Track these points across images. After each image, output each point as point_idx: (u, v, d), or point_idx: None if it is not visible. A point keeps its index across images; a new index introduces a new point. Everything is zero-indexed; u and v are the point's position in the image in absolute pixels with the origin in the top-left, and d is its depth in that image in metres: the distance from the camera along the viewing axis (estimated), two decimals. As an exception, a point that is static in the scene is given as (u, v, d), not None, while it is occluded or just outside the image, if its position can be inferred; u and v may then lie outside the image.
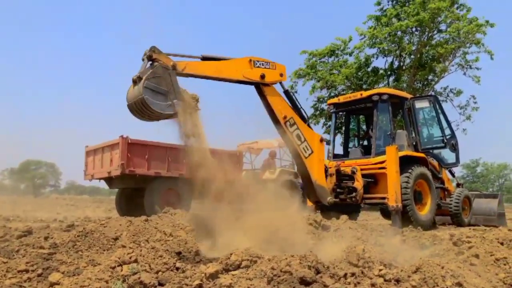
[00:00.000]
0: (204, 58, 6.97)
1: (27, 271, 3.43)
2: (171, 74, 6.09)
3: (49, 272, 3.45)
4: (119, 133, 11.02)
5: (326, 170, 9.31)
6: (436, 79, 25.84)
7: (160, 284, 3.13)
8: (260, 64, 7.59)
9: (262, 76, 7.57)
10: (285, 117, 8.02)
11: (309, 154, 8.34)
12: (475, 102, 26.20)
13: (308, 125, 8.49)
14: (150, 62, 6.07)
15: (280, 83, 8.09)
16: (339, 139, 13.00)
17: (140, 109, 5.98)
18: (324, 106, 26.94)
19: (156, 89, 5.96)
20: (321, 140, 8.61)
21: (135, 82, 5.97)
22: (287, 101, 8.30)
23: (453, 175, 11.60)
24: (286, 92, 8.29)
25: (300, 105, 8.46)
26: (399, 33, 24.44)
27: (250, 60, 7.44)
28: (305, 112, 8.55)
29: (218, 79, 7.25)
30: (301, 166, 8.57)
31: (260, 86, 7.75)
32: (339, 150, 11.29)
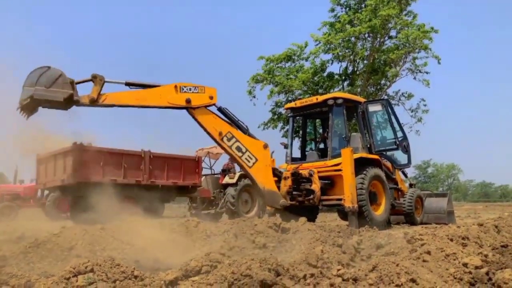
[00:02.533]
0: (128, 84, 7.13)
1: (-27, 286, 3.25)
2: (59, 95, 6.66)
3: (-2, 287, 3.28)
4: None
5: (277, 174, 9.45)
6: (388, 83, 26.85)
7: (117, 294, 3.05)
8: (186, 89, 7.76)
9: (188, 101, 7.74)
10: (220, 133, 8.23)
11: (253, 163, 8.54)
12: (425, 105, 27.46)
13: (249, 135, 8.67)
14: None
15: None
16: (297, 142, 13.22)
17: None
18: (281, 110, 27.27)
19: (52, 77, 6.63)
20: (265, 146, 8.79)
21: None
22: (223, 117, 8.47)
23: (405, 175, 12.02)
24: (220, 109, 8.46)
25: (237, 118, 8.66)
26: (352, 39, 25.19)
27: (176, 86, 7.59)
28: (243, 123, 8.75)
29: (143, 107, 7.38)
30: (249, 176, 8.82)
31: (189, 110, 7.91)
32: (297, 153, 11.46)
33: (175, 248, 5.53)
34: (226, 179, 14.95)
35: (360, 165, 9.43)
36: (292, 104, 11.12)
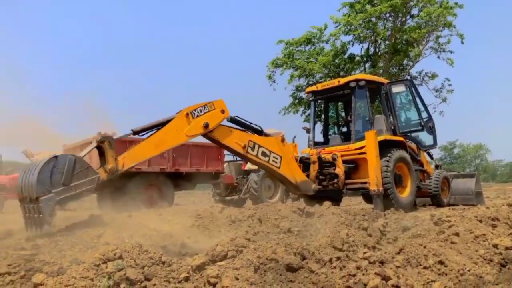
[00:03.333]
0: (136, 133, 6.59)
1: (9, 273, 3.36)
2: (88, 188, 5.58)
3: (32, 273, 3.39)
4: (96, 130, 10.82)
5: (305, 161, 9.38)
6: (411, 63, 26.25)
7: (146, 279, 3.11)
8: (198, 112, 7.10)
9: (206, 126, 7.14)
10: (244, 146, 7.75)
11: (280, 162, 8.28)
12: (449, 85, 26.80)
13: (265, 135, 8.33)
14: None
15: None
16: (319, 126, 13.10)
17: (38, 162, 5.37)
18: (302, 94, 27.06)
19: (67, 172, 5.30)
20: (283, 139, 8.55)
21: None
22: (238, 127, 8.00)
23: (431, 157, 11.81)
24: (232, 120, 7.93)
25: (249, 122, 8.18)
26: (373, 19, 24.64)
27: (187, 114, 6.95)
28: (256, 125, 8.28)
29: (164, 151, 6.89)
30: (278, 176, 8.55)
31: (207, 134, 7.36)
32: (319, 137, 11.37)
33: (201, 233, 5.60)
34: (249, 165, 15.00)
35: (385, 147, 9.30)
36: (313, 88, 11.00)
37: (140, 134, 6.65)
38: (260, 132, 8.24)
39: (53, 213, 5.05)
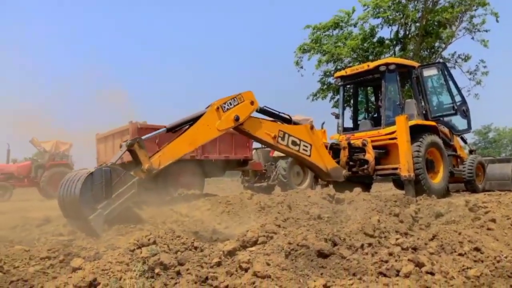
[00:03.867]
0: (169, 130, 6.57)
1: (49, 258, 3.50)
2: (131, 195, 5.50)
3: (70, 258, 3.51)
4: (127, 119, 11.04)
5: (335, 147, 9.29)
6: (443, 45, 25.45)
7: (179, 264, 3.17)
8: (228, 105, 7.05)
9: (237, 119, 7.09)
10: (274, 137, 7.69)
11: (310, 150, 8.20)
12: (484, 67, 25.83)
13: (294, 123, 8.23)
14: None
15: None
16: (348, 112, 12.94)
17: (71, 185, 5.25)
18: (331, 80, 26.72)
19: (106, 185, 5.27)
20: (311, 127, 8.45)
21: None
22: (267, 118, 7.93)
23: (465, 141, 11.49)
24: (261, 110, 7.85)
25: (277, 111, 8.09)
26: (403, 0, 23.95)
27: (218, 108, 6.91)
28: (284, 113, 8.20)
29: (197, 147, 6.77)
30: (309, 164, 8.48)
31: (238, 127, 7.32)
32: (348, 123, 11.24)
33: (231, 219, 5.66)
34: (277, 152, 14.99)
35: (416, 132, 9.11)
36: (342, 73, 10.84)
37: (174, 131, 6.66)
38: (289, 121, 8.20)
39: (104, 226, 5.11)
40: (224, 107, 7.00)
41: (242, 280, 2.80)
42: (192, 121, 6.75)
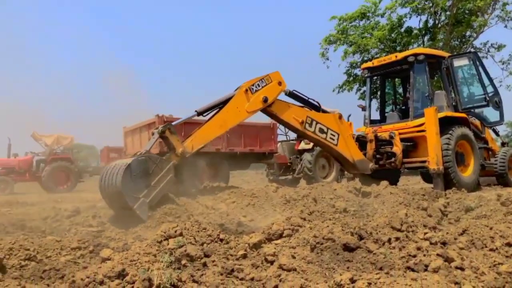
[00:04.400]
0: (200, 113, 6.66)
1: (79, 248, 3.60)
2: (169, 179, 5.75)
3: (100, 249, 3.60)
4: (154, 112, 11.19)
5: (361, 139, 9.17)
6: (475, 34, 24.66)
7: (206, 256, 3.20)
8: (256, 87, 7.10)
9: (265, 100, 7.14)
10: (302, 122, 7.68)
11: (337, 139, 8.12)
12: (518, 56, 24.90)
13: (323, 111, 8.16)
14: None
15: None
16: (375, 104, 12.73)
17: (111, 178, 5.40)
18: (357, 71, 26.36)
19: (145, 174, 5.48)
20: (340, 117, 8.35)
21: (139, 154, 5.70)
22: (296, 102, 7.92)
23: (497, 134, 11.15)
24: (290, 94, 7.86)
25: (307, 97, 8.07)
26: (433, -12, 23.33)
27: (247, 90, 6.98)
28: (314, 100, 8.15)
29: (228, 129, 6.95)
30: (335, 154, 8.40)
31: (266, 109, 7.33)
32: (375, 115, 11.07)
33: (256, 212, 5.68)
34: (302, 145, 14.91)
35: (446, 124, 8.89)
36: (369, 64, 10.66)
37: (204, 114, 6.79)
38: (318, 108, 8.15)
39: (148, 213, 5.33)
40: (253, 89, 7.07)
41: (268, 272, 2.80)
42: (222, 104, 6.85)
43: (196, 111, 6.70)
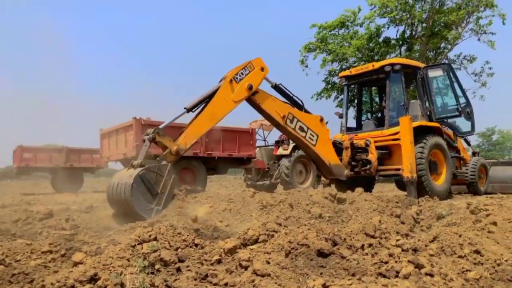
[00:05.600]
0: (190, 110, 6.74)
1: (50, 252, 3.52)
2: (173, 181, 5.97)
3: (72, 252, 3.54)
4: (131, 115, 11.08)
5: (337, 145, 9.29)
6: (449, 46, 25.32)
7: (180, 261, 3.19)
8: (240, 75, 7.18)
9: (250, 87, 7.23)
10: (283, 117, 7.77)
11: (316, 140, 8.22)
12: (490, 68, 25.70)
13: (305, 111, 8.28)
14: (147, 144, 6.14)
15: (266, 79, 7.72)
16: (352, 112, 12.92)
17: (119, 195, 5.65)
18: (335, 79, 26.67)
19: (149, 185, 5.69)
20: (322, 119, 8.47)
21: (133, 166, 5.84)
22: (280, 97, 8.01)
23: (468, 143, 11.47)
24: (275, 87, 7.97)
25: (291, 93, 8.17)
26: (410, 1, 23.85)
27: (231, 81, 7.06)
28: (298, 98, 8.25)
29: (218, 122, 7.04)
30: (312, 154, 8.49)
31: (250, 98, 7.40)
32: (352, 123, 11.23)
33: (233, 217, 5.67)
34: (280, 150, 15.01)
35: (420, 133, 9.10)
36: (347, 72, 10.83)
37: (193, 110, 6.85)
38: (300, 107, 8.24)
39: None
40: (237, 78, 7.14)
41: (242, 278, 2.81)
42: (209, 97, 6.90)
43: (185, 108, 6.74)
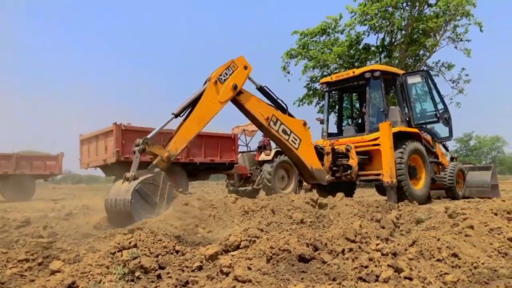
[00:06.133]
0: (177, 115, 6.76)
1: (27, 260, 3.45)
2: (169, 187, 6.02)
3: (49, 261, 3.47)
4: (112, 120, 10.95)
5: (319, 150, 9.36)
6: (428, 54, 25.84)
7: (160, 268, 3.16)
8: (224, 76, 7.21)
9: (235, 87, 7.28)
10: (267, 118, 7.83)
11: (299, 144, 8.30)
12: (466, 75, 26.35)
13: (289, 114, 8.37)
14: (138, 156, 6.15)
15: (251, 79, 7.79)
16: (333, 118, 13.05)
17: (119, 210, 5.68)
18: (317, 85, 26.91)
19: (147, 197, 5.74)
20: (305, 124, 8.56)
21: (127, 179, 5.82)
22: (264, 99, 8.08)
23: (446, 149, 11.68)
24: (260, 89, 8.05)
25: (276, 96, 8.24)
26: (389, 8, 24.29)
27: (216, 82, 7.09)
28: (282, 102, 8.32)
29: (207, 124, 7.05)
30: (295, 158, 8.56)
31: (235, 98, 7.45)
32: (333, 129, 11.33)
33: (215, 223, 5.65)
34: (262, 156, 15.03)
35: (399, 139, 9.23)
36: (327, 79, 10.94)
37: (181, 115, 6.85)
38: (284, 110, 8.29)
39: None
40: (221, 79, 7.16)
41: (223, 284, 2.80)
42: (196, 101, 6.91)
43: (172, 113, 6.74)
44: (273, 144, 15.39)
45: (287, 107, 8.36)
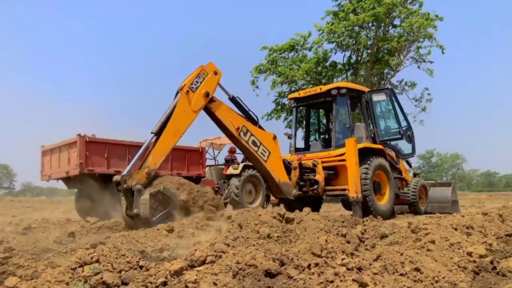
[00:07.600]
0: (157, 134, 6.80)
1: (-19, 277, 3.28)
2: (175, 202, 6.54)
3: (5, 277, 3.30)
4: (75, 131, 10.66)
5: (287, 165, 9.43)
6: (392, 72, 26.66)
7: (123, 283, 3.07)
8: (195, 84, 7.25)
9: (207, 94, 7.35)
10: (237, 128, 7.89)
11: (268, 157, 8.35)
12: (429, 94, 27.33)
13: (260, 127, 8.45)
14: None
15: (223, 88, 7.87)
16: (301, 133, 13.20)
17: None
18: (285, 101, 27.20)
19: (144, 215, 6.28)
20: (274, 137, 8.64)
21: (131, 217, 6.30)
22: (234, 108, 8.15)
23: (410, 165, 12.01)
24: (232, 99, 8.13)
25: (247, 107, 8.33)
26: (356, 28, 24.98)
27: (187, 91, 7.12)
28: (253, 113, 8.41)
29: (183, 134, 7.11)
30: (263, 170, 8.59)
31: (207, 106, 7.49)
32: (301, 144, 11.45)
33: (180, 238, 5.56)
34: (230, 170, 14.97)
35: (364, 155, 9.42)
36: (295, 94, 11.09)
37: (158, 134, 6.86)
38: (255, 122, 8.31)
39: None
40: (193, 87, 7.18)
41: (188, 300, 2.75)
42: (169, 115, 6.91)
43: (152, 132, 6.74)
44: (240, 158, 15.39)
45: (258, 119, 8.42)
